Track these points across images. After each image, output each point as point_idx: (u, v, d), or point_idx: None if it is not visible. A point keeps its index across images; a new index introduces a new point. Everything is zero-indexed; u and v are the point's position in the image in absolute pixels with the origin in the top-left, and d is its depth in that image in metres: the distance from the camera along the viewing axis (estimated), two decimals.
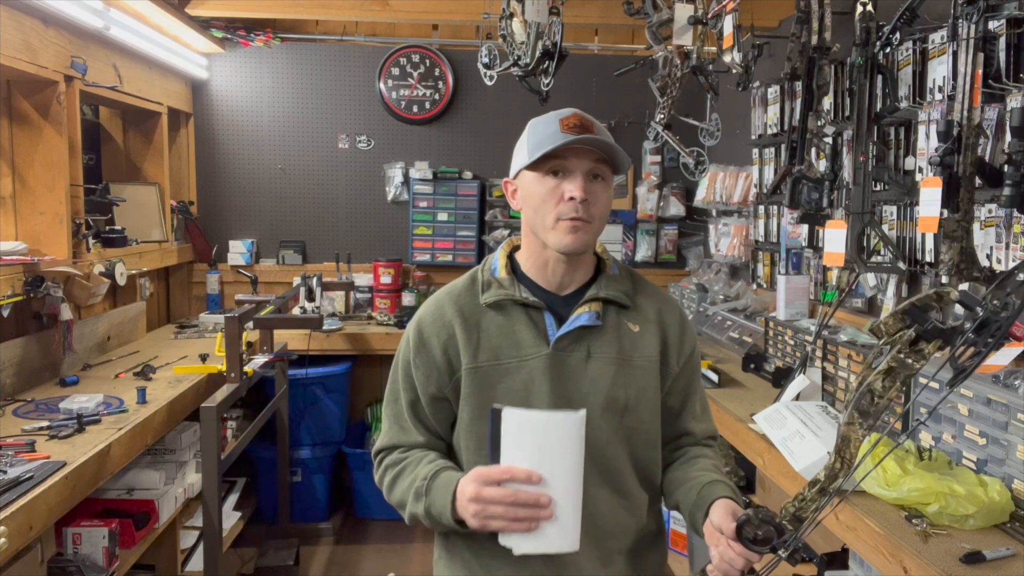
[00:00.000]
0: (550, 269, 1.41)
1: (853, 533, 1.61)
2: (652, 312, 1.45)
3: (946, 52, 2.06)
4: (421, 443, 1.43)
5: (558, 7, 2.85)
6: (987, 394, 1.62)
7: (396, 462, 1.42)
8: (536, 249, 1.41)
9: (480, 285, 1.43)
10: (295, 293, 3.82)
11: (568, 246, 1.35)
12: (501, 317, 1.40)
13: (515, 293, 1.40)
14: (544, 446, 1.20)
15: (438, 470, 1.34)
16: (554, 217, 1.34)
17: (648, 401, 1.41)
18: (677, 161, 4.40)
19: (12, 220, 2.90)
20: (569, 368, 1.37)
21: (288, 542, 3.60)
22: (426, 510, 1.32)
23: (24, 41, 2.67)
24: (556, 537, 1.21)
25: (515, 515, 1.19)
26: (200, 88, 4.30)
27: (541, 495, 1.19)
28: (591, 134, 1.32)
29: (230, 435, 3.22)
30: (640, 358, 1.41)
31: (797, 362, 2.42)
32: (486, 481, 1.21)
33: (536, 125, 1.37)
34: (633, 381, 1.39)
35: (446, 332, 1.40)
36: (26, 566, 1.92)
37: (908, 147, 2.32)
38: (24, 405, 2.52)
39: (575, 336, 1.38)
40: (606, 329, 1.40)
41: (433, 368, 1.40)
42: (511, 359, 1.38)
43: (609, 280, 1.43)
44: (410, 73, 4.37)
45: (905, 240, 2.33)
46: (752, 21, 2.95)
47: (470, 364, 1.38)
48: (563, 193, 1.33)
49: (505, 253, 1.46)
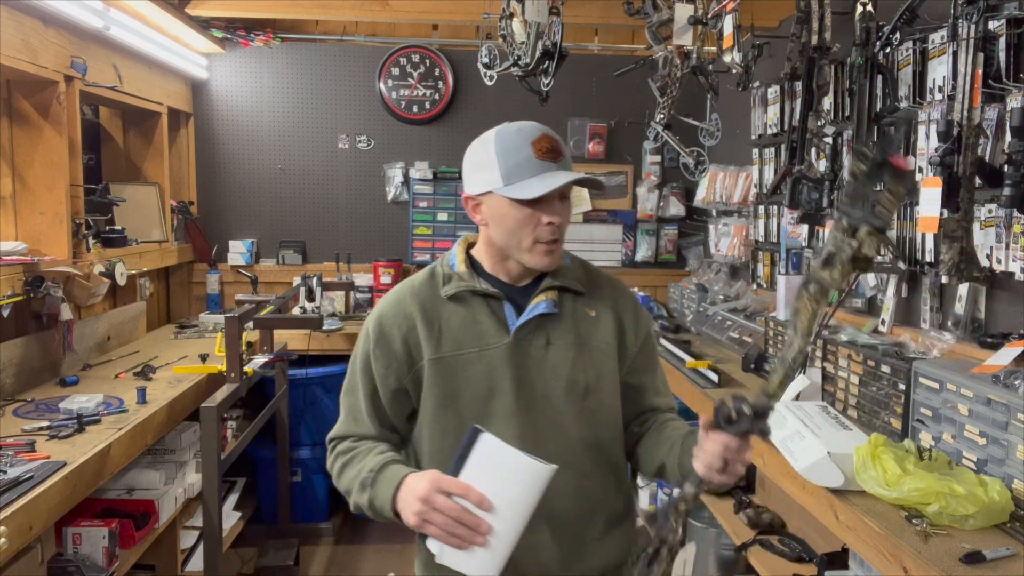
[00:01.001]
0: (510, 268, 1.47)
1: (853, 533, 1.61)
2: (607, 298, 1.52)
3: (946, 52, 2.06)
4: (373, 435, 1.48)
5: (558, 7, 2.85)
6: (987, 394, 1.62)
7: (346, 450, 1.47)
8: (497, 256, 1.47)
9: (440, 278, 1.48)
10: (295, 293, 3.82)
11: (547, 266, 1.43)
12: (462, 308, 1.45)
13: (475, 284, 1.45)
14: (506, 481, 1.22)
15: (386, 463, 1.38)
16: (532, 240, 1.39)
17: (607, 382, 1.48)
18: (677, 161, 4.40)
19: (12, 220, 2.90)
20: (530, 356, 1.43)
21: (288, 542, 3.60)
22: (369, 501, 1.35)
23: (24, 41, 2.67)
24: (479, 563, 1.22)
25: (453, 530, 1.22)
26: (200, 88, 4.30)
27: (484, 522, 1.21)
28: (562, 157, 1.38)
29: (230, 435, 3.22)
30: (598, 342, 1.47)
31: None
32: (440, 489, 1.23)
33: (506, 146, 1.38)
34: (592, 364, 1.46)
35: (407, 324, 1.44)
36: (26, 566, 1.92)
37: (908, 147, 2.32)
38: (24, 405, 2.52)
39: (534, 324, 1.44)
40: (563, 316, 1.46)
41: (393, 360, 1.45)
42: (473, 349, 1.43)
43: (563, 270, 1.49)
44: (410, 73, 4.37)
45: (905, 240, 2.33)
46: (752, 21, 2.94)
47: (433, 355, 1.43)
48: (540, 219, 1.38)
49: (463, 249, 1.51)
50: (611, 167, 4.52)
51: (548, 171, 1.36)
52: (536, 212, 1.37)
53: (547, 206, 1.38)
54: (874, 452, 1.67)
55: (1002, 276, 1.94)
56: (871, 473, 1.64)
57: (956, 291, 2.10)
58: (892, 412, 1.95)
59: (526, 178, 1.35)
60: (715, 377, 2.66)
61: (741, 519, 2.68)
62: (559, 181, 1.35)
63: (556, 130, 1.43)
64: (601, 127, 4.46)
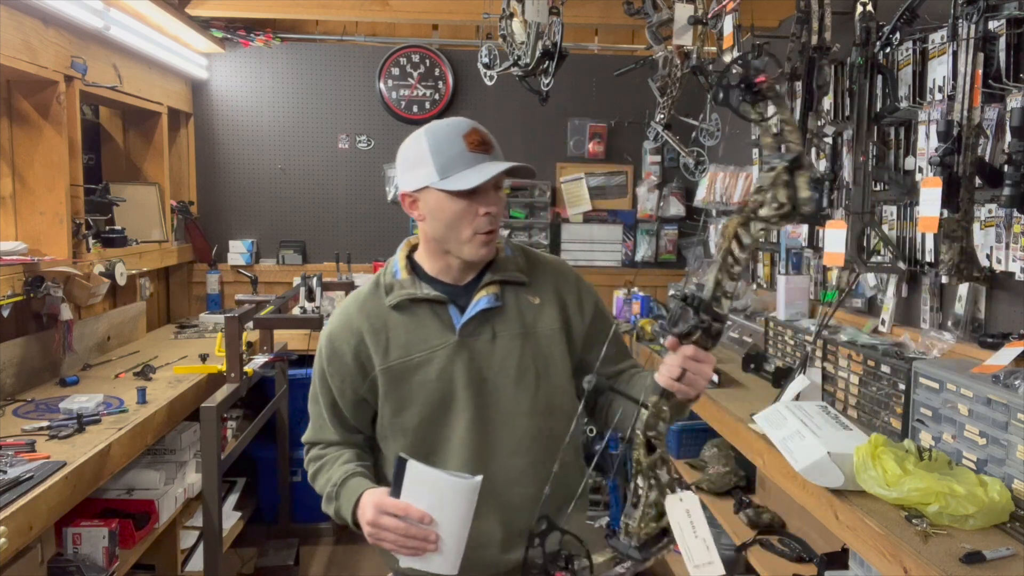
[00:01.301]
0: (451, 266, 1.52)
1: (853, 533, 1.61)
2: (548, 283, 1.58)
3: (946, 52, 2.06)
4: (337, 440, 1.57)
5: (558, 7, 2.85)
6: (987, 394, 1.62)
7: (316, 458, 1.57)
8: (438, 254, 1.52)
9: (383, 288, 1.53)
10: (295, 293, 3.82)
11: (484, 257, 1.49)
12: (406, 315, 1.51)
13: (417, 291, 1.50)
14: (440, 498, 1.33)
15: (346, 477, 1.47)
16: (470, 232, 1.44)
17: (558, 366, 1.54)
18: (677, 161, 4.39)
19: (12, 220, 2.90)
20: (478, 351, 1.49)
21: (288, 542, 3.61)
22: (336, 512, 1.47)
23: (24, 41, 2.67)
24: (437, 564, 1.35)
25: (403, 544, 1.32)
26: (200, 88, 4.30)
27: (430, 532, 1.32)
28: (493, 149, 1.44)
29: (230, 435, 3.22)
30: (543, 328, 1.53)
31: (797, 362, 2.42)
32: (383, 511, 1.33)
33: (438, 142, 1.43)
34: (540, 351, 1.52)
35: (355, 338, 1.51)
36: (26, 566, 1.92)
37: (908, 147, 2.32)
38: (24, 405, 2.52)
39: (479, 320, 1.50)
40: (507, 308, 1.52)
41: (347, 374, 1.52)
42: (421, 352, 1.49)
43: (503, 262, 1.55)
44: (410, 73, 4.37)
45: (905, 240, 2.33)
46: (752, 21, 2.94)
47: (382, 364, 1.49)
48: (478, 210, 1.43)
49: (404, 255, 1.57)
50: (611, 167, 4.52)
51: (481, 162, 1.41)
52: (473, 204, 1.42)
53: (483, 197, 1.43)
54: (874, 452, 1.67)
55: (1002, 276, 1.94)
56: (871, 473, 1.63)
57: (956, 291, 2.10)
58: (892, 412, 1.95)
59: (461, 170, 1.40)
60: (715, 377, 2.66)
61: (741, 519, 2.68)
62: (494, 170, 1.40)
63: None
64: (601, 127, 4.45)
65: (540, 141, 4.39)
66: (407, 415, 1.50)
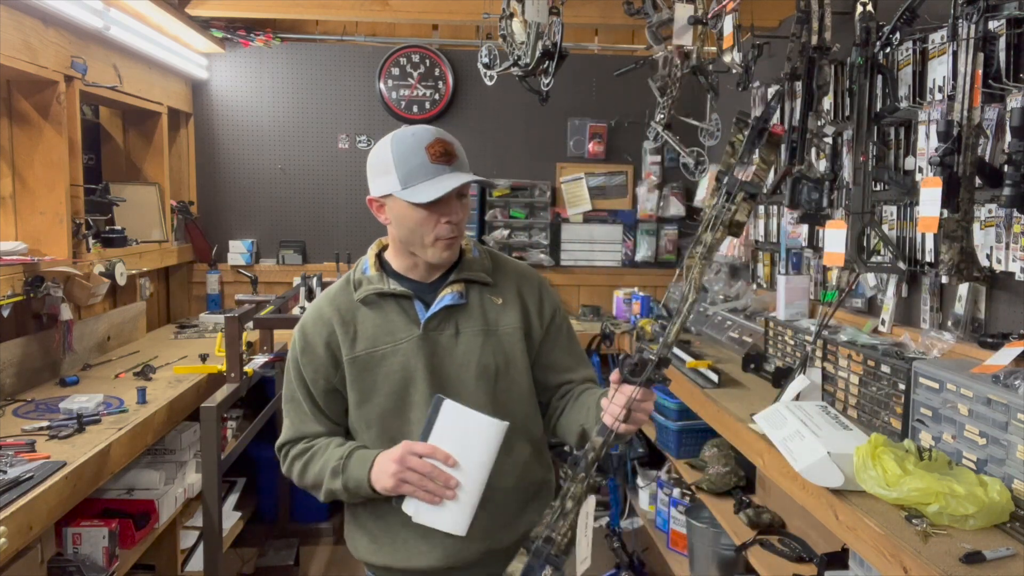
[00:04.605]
0: (418, 265, 1.59)
1: (853, 533, 1.61)
2: (512, 285, 1.64)
3: (946, 52, 2.06)
4: (323, 432, 1.60)
5: (558, 7, 2.85)
6: (987, 394, 1.62)
7: (303, 451, 1.59)
8: (405, 254, 1.58)
9: (352, 284, 1.60)
10: (295, 293, 3.82)
11: (446, 260, 1.56)
12: (374, 310, 1.57)
13: (384, 287, 1.57)
14: (466, 440, 1.43)
15: (352, 450, 1.53)
16: (432, 238, 1.51)
17: (517, 364, 1.60)
18: (677, 161, 4.39)
19: (12, 220, 2.90)
20: (441, 345, 1.55)
21: (288, 542, 3.61)
22: (344, 484, 1.51)
23: (24, 41, 2.67)
24: (450, 517, 1.44)
25: (425, 485, 1.42)
26: (200, 88, 4.30)
27: (452, 477, 1.42)
28: (455, 159, 1.49)
29: (230, 435, 3.22)
30: (505, 326, 1.60)
31: (797, 362, 2.42)
32: (411, 452, 1.43)
33: (402, 152, 1.49)
34: (500, 348, 1.58)
35: (326, 330, 1.57)
36: (26, 566, 1.92)
37: (908, 147, 2.32)
38: (24, 405, 2.53)
39: (443, 316, 1.56)
40: (471, 306, 1.58)
41: (320, 364, 1.57)
42: (386, 345, 1.55)
43: (469, 262, 1.61)
44: (410, 73, 4.37)
45: (905, 240, 2.33)
46: (752, 21, 2.94)
47: (349, 355, 1.55)
48: (439, 219, 1.49)
49: (374, 253, 1.64)
50: (611, 167, 4.52)
51: (442, 174, 1.46)
52: (434, 213, 1.48)
53: (444, 206, 1.48)
54: (874, 452, 1.67)
55: (1002, 276, 1.94)
56: (871, 473, 1.63)
57: (956, 291, 2.10)
58: (892, 412, 1.96)
59: (421, 182, 1.46)
60: (715, 377, 2.66)
61: (741, 519, 2.68)
62: (452, 184, 1.45)
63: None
64: (601, 127, 4.45)
65: (540, 141, 4.38)
66: (370, 406, 1.56)
